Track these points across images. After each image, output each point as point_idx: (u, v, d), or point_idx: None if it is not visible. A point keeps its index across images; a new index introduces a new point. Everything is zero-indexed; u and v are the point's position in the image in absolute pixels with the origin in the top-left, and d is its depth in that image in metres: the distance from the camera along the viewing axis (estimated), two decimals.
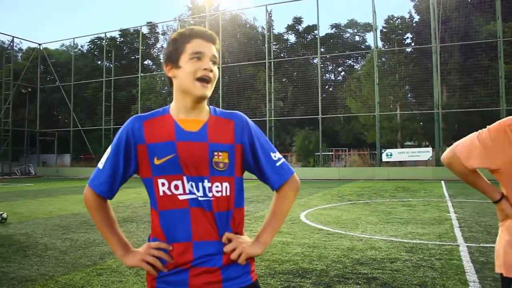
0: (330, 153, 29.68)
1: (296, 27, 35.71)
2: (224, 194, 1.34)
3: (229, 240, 1.34)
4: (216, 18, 29.43)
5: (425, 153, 23.26)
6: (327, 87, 36.03)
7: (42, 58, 35.07)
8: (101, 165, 1.39)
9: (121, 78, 32.53)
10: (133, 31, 37.06)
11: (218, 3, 34.86)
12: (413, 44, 30.66)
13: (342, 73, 38.53)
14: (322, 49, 29.25)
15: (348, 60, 37.87)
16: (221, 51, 28.48)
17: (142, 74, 31.38)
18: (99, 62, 37.54)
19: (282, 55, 34.03)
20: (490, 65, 23.49)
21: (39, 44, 35.55)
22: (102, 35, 34.94)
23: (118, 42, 37.91)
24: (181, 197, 1.31)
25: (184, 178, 1.32)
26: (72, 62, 33.65)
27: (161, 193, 1.33)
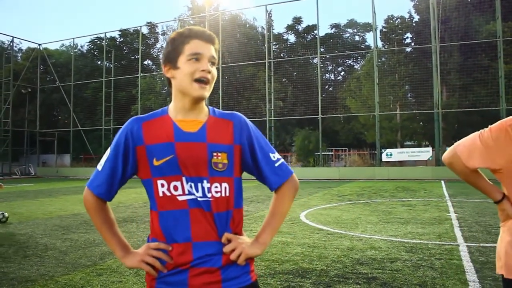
0: (330, 153, 29.70)
1: (296, 27, 35.75)
2: (223, 194, 1.34)
3: (229, 241, 1.34)
4: (216, 18, 29.43)
5: (425, 153, 23.27)
6: (327, 87, 36.04)
7: (42, 58, 35.07)
8: (100, 166, 1.39)
9: (121, 78, 32.54)
10: (133, 31, 37.09)
11: (217, 3, 34.90)
12: (413, 44, 30.66)
13: (342, 73, 38.56)
14: (322, 49, 29.27)
15: (348, 60, 37.91)
16: (221, 51, 28.49)
17: (142, 74, 31.38)
18: (99, 62, 37.55)
19: (282, 55, 34.04)
20: (490, 65, 23.51)
21: (39, 44, 35.57)
22: (102, 35, 34.98)
23: (118, 42, 37.93)
24: (180, 198, 1.31)
25: (183, 179, 1.32)
26: (72, 62, 33.66)
27: (160, 194, 1.33)
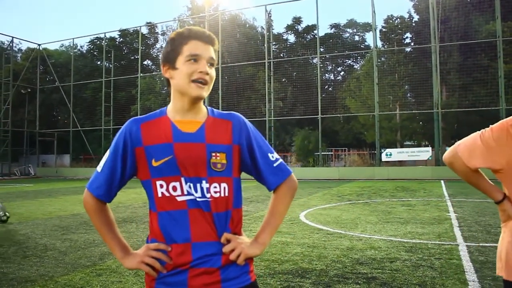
0: (329, 153, 29.71)
1: (296, 27, 35.74)
2: (222, 194, 1.34)
3: (228, 241, 1.34)
4: (215, 18, 29.42)
5: (425, 152, 23.29)
6: (326, 87, 36.04)
7: (42, 59, 35.04)
8: (99, 168, 1.39)
9: (121, 79, 32.52)
10: (132, 31, 37.09)
11: (217, 3, 34.87)
12: (412, 44, 30.66)
13: (342, 73, 38.58)
14: (321, 49, 29.26)
15: (347, 60, 37.92)
16: (221, 51, 28.48)
17: (141, 74, 31.37)
18: (98, 63, 37.52)
19: (281, 55, 34.04)
20: (490, 65, 23.51)
21: (39, 45, 35.53)
22: (102, 35, 34.99)
23: (117, 43, 37.92)
24: (179, 198, 1.31)
25: (182, 179, 1.32)
26: (71, 63, 33.63)
27: (159, 195, 1.33)
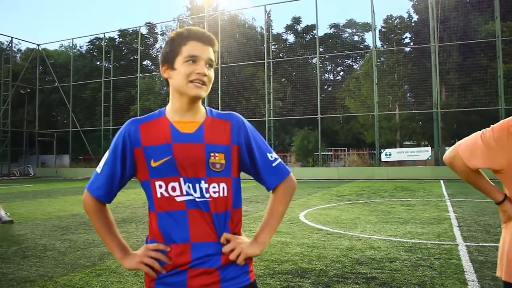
0: (329, 153, 29.70)
1: (295, 27, 35.72)
2: (221, 194, 1.34)
3: (227, 241, 1.34)
4: (215, 18, 29.42)
5: (424, 152, 23.29)
6: (326, 87, 36.05)
7: (41, 59, 35.01)
8: (99, 169, 1.39)
9: (120, 79, 32.50)
10: (132, 31, 37.05)
11: (217, 3, 34.87)
12: (411, 44, 30.67)
13: (341, 73, 38.58)
14: (321, 49, 29.28)
15: (347, 60, 37.91)
16: (220, 51, 28.48)
17: (141, 75, 31.36)
18: (98, 63, 37.52)
19: (281, 55, 34.02)
20: (489, 65, 23.51)
21: (38, 45, 35.51)
22: (101, 35, 35.00)
23: (117, 43, 37.90)
24: (178, 199, 1.32)
25: (181, 180, 1.32)
26: (71, 63, 33.62)
27: (158, 195, 1.33)
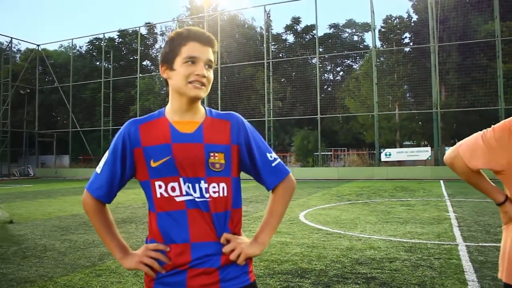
0: (329, 153, 29.70)
1: (295, 27, 35.71)
2: (221, 194, 1.34)
3: (227, 241, 1.34)
4: (214, 18, 29.42)
5: (424, 152, 23.30)
6: (325, 87, 36.06)
7: (41, 59, 35.02)
8: (99, 169, 1.39)
9: (120, 79, 32.51)
10: (131, 31, 37.05)
11: (216, 4, 34.90)
12: (411, 44, 30.68)
13: (341, 73, 38.58)
14: (320, 49, 29.28)
15: (346, 60, 37.91)
16: (220, 52, 28.46)
17: (140, 75, 31.36)
18: (97, 63, 37.52)
19: (280, 55, 34.02)
20: (488, 65, 23.52)
21: (38, 45, 35.52)
22: (101, 35, 35.00)
23: (116, 43, 37.91)
24: (178, 199, 1.32)
25: (181, 180, 1.32)
26: (70, 63, 33.64)
27: (158, 195, 1.33)
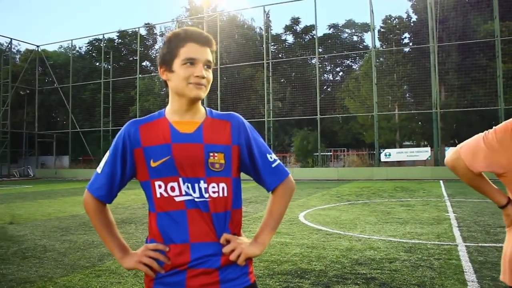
0: (328, 153, 29.69)
1: (294, 28, 35.69)
2: (221, 195, 1.34)
3: (227, 241, 1.34)
4: (214, 19, 29.42)
5: (424, 152, 23.30)
6: (325, 87, 36.05)
7: (40, 60, 35.03)
8: (99, 169, 1.40)
9: (119, 80, 32.51)
10: (131, 32, 37.03)
11: (215, 4, 34.88)
12: (411, 44, 30.69)
13: (340, 73, 38.57)
14: (320, 50, 29.26)
15: (346, 60, 37.90)
16: (219, 52, 28.48)
17: (140, 76, 31.35)
18: (97, 64, 37.49)
19: (280, 55, 34.02)
20: (488, 65, 23.53)
21: (37, 46, 35.52)
22: (100, 36, 34.98)
23: (116, 44, 37.88)
24: (177, 199, 1.32)
25: (180, 180, 1.32)
26: (70, 64, 33.64)
27: (158, 195, 1.33)
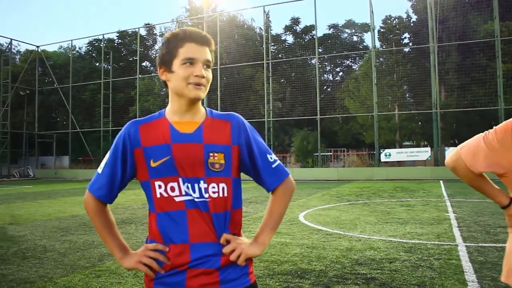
0: (328, 153, 29.68)
1: (294, 28, 35.69)
2: (221, 195, 1.34)
3: (227, 241, 1.34)
4: (213, 19, 29.42)
5: (424, 153, 23.29)
6: (325, 87, 36.05)
7: (40, 60, 35.04)
8: (100, 170, 1.40)
9: (119, 80, 32.51)
10: (131, 32, 37.03)
11: (215, 4, 34.89)
12: (410, 44, 30.69)
13: (340, 74, 38.57)
14: (320, 50, 29.26)
15: (346, 61, 37.90)
16: (219, 52, 28.48)
17: (140, 76, 31.36)
18: (97, 64, 37.50)
19: (280, 56, 34.02)
20: (488, 65, 23.53)
21: (37, 46, 35.52)
22: (100, 37, 34.98)
23: (116, 44, 37.89)
24: (177, 199, 1.32)
25: (180, 180, 1.32)
26: (70, 64, 33.64)
27: (158, 195, 1.33)
